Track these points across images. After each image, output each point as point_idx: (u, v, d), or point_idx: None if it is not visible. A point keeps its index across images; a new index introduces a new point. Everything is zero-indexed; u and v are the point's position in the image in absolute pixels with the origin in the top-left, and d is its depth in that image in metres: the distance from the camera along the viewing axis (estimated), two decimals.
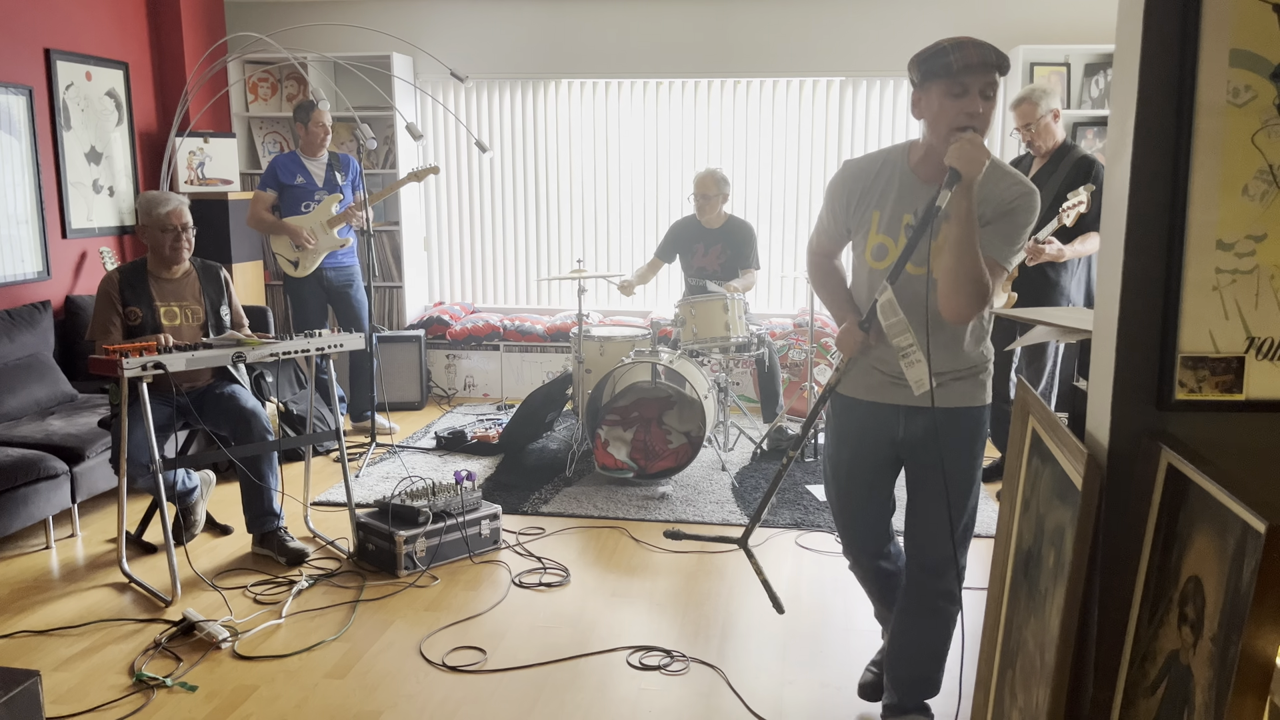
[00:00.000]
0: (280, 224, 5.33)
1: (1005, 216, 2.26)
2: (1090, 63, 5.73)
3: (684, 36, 6.13)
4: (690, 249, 5.29)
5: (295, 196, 5.38)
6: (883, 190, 2.35)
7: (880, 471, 2.48)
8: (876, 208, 2.35)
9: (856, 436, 2.48)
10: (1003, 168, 2.31)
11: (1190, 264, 1.58)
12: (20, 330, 4.60)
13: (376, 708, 2.75)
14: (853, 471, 2.50)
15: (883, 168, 2.36)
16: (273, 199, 5.37)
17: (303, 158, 5.40)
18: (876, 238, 2.35)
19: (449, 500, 3.77)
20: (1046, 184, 4.17)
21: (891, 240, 2.33)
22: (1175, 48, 1.55)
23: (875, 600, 2.75)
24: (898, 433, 2.42)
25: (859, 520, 2.55)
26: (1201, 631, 1.40)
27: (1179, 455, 1.50)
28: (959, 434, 2.38)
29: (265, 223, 5.37)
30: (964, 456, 2.40)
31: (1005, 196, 2.26)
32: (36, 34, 5.04)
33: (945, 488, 2.35)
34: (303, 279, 5.41)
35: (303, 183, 5.36)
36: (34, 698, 2.04)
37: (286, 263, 5.40)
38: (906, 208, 2.31)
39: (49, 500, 3.84)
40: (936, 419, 2.36)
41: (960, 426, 2.38)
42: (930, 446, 2.37)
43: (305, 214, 5.38)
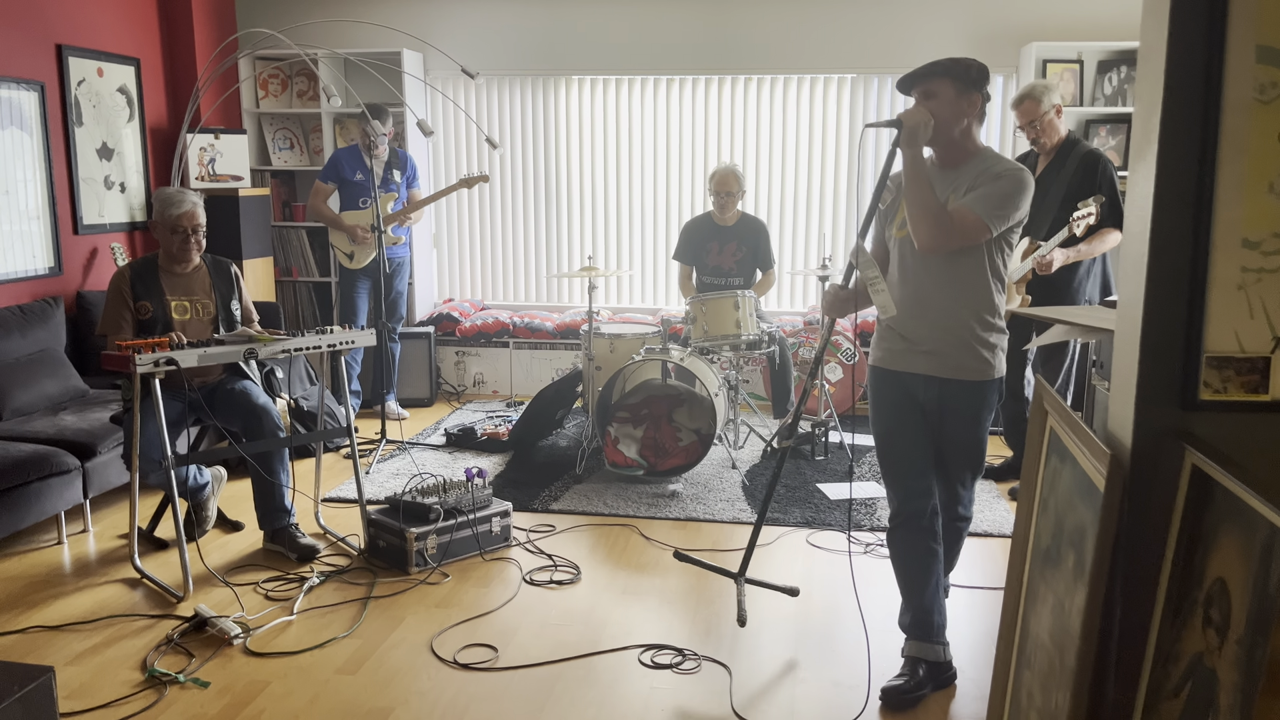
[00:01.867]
0: (339, 219, 5.52)
1: (994, 180, 2.62)
2: (1103, 60, 5.70)
3: (695, 33, 6.11)
4: (705, 247, 5.26)
5: (355, 192, 5.55)
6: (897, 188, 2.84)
7: (919, 429, 2.80)
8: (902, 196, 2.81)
9: (892, 401, 2.82)
10: (999, 156, 2.72)
11: (1216, 262, 1.56)
12: (32, 326, 4.61)
13: (388, 704, 2.75)
14: (895, 431, 2.82)
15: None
16: (332, 191, 5.57)
17: (363, 154, 5.50)
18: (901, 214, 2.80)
19: (460, 497, 3.77)
20: (1055, 181, 4.15)
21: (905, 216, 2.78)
22: (1201, 44, 1.53)
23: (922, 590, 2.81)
24: (919, 395, 2.78)
25: (909, 477, 2.80)
26: (1227, 634, 1.38)
27: (1204, 456, 1.49)
28: (965, 405, 2.74)
29: (326, 217, 5.54)
30: (974, 425, 2.77)
31: (995, 170, 2.64)
32: (48, 30, 5.04)
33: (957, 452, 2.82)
34: (357, 271, 5.59)
35: (362, 179, 5.53)
36: (48, 693, 2.04)
37: (343, 255, 5.60)
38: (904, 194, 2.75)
39: (61, 496, 3.84)
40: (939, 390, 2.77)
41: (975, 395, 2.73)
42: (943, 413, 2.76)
43: (363, 209, 5.53)
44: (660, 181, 6.39)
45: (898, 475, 2.82)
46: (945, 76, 2.63)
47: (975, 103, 2.66)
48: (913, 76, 2.66)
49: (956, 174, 2.70)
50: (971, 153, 2.71)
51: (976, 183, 2.64)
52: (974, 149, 2.72)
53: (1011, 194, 2.61)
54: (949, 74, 2.63)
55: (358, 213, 5.54)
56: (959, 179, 2.68)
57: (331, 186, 5.55)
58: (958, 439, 2.78)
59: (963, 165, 2.70)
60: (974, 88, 2.65)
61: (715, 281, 5.24)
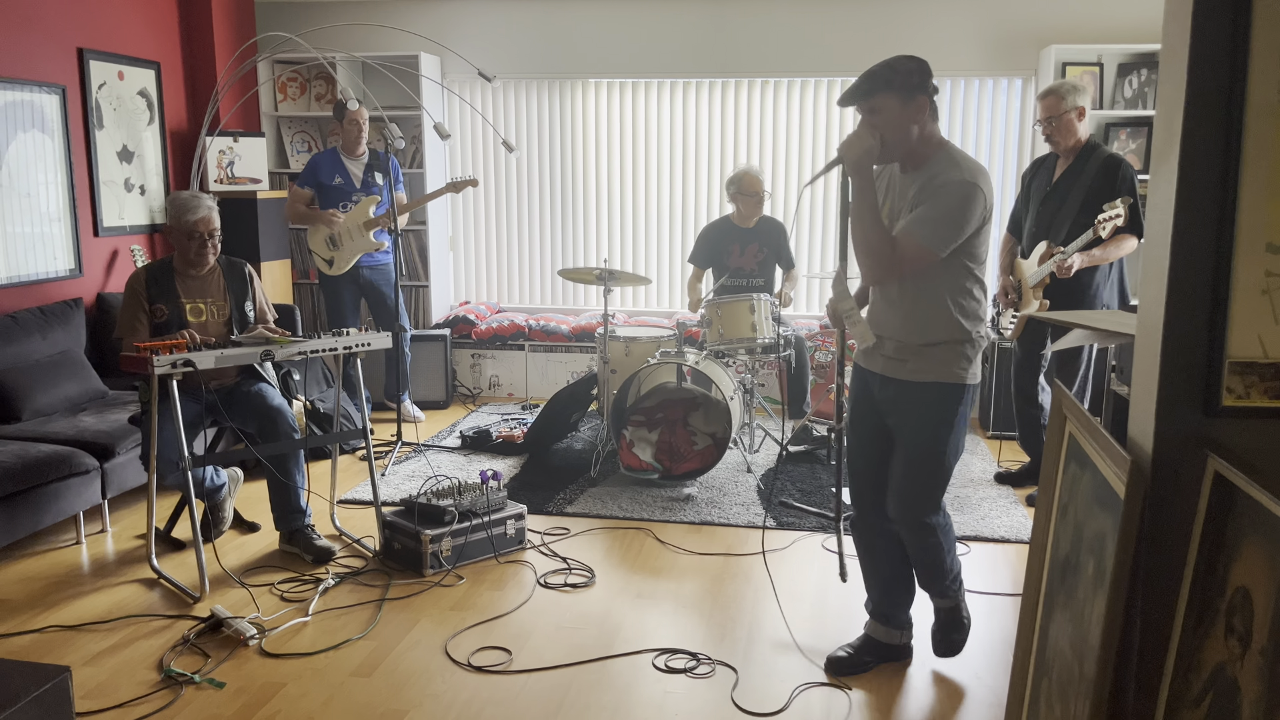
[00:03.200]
0: (314, 213, 5.43)
1: (932, 197, 2.54)
2: (1123, 63, 5.66)
3: (711, 36, 6.10)
4: (726, 250, 5.25)
5: (332, 196, 5.46)
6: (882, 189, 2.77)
7: (874, 425, 2.80)
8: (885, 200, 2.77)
9: (854, 396, 2.88)
10: (953, 157, 2.59)
11: (1239, 267, 1.54)
12: (53, 327, 4.64)
13: (402, 707, 2.75)
14: (853, 426, 2.88)
15: (885, 169, 2.78)
16: (309, 196, 5.47)
17: (343, 157, 5.47)
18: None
19: (474, 500, 3.77)
20: (1074, 186, 4.12)
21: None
22: (1225, 47, 1.51)
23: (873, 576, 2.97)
24: (875, 393, 2.77)
25: (860, 472, 2.87)
26: (1250, 644, 1.36)
27: (1226, 463, 1.47)
28: (921, 406, 2.66)
29: (301, 214, 5.47)
30: (925, 429, 2.67)
31: (939, 181, 2.54)
32: (70, 34, 5.08)
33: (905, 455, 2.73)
34: (337, 277, 5.49)
35: (340, 183, 5.45)
36: (64, 693, 2.04)
37: (322, 261, 5.48)
38: (889, 195, 2.73)
39: (80, 496, 3.87)
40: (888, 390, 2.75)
41: (922, 399, 2.66)
42: (893, 414, 2.73)
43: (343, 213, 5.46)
44: (676, 185, 6.39)
45: (853, 466, 2.91)
46: (886, 90, 2.51)
47: (923, 106, 2.54)
48: (852, 94, 2.54)
49: (919, 175, 2.61)
50: (933, 152, 2.60)
51: (921, 196, 2.55)
52: (935, 148, 2.60)
53: (953, 210, 2.51)
54: (889, 86, 2.51)
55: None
56: (921, 180, 2.60)
57: (309, 192, 5.43)
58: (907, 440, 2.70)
59: (925, 165, 2.61)
60: (919, 91, 2.52)
61: (737, 284, 5.23)
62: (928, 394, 2.65)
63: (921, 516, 2.73)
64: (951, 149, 2.61)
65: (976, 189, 2.52)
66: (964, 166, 2.55)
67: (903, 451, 2.71)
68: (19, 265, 4.77)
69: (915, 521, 2.74)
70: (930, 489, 2.73)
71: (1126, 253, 4.09)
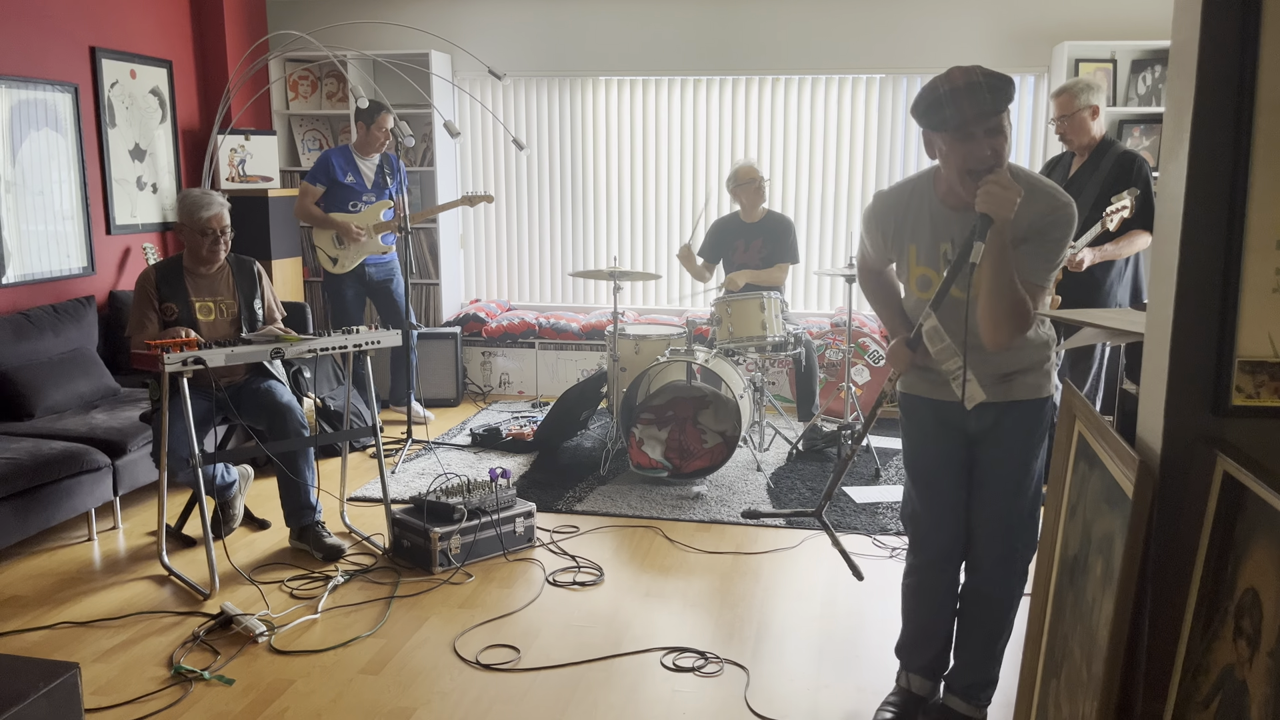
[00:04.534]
0: (329, 219, 5.37)
1: (1039, 235, 2.24)
2: (1137, 59, 5.62)
3: (721, 34, 6.09)
4: (731, 246, 5.25)
5: (343, 195, 5.40)
6: (915, 222, 2.36)
7: (956, 467, 2.48)
8: (912, 240, 2.38)
9: (934, 433, 2.50)
10: (1035, 183, 2.27)
11: (1249, 265, 1.53)
12: (65, 325, 4.67)
13: (410, 704, 2.75)
14: (932, 470, 2.50)
15: (911, 199, 2.37)
16: (320, 193, 5.40)
17: (355, 155, 5.43)
18: (918, 269, 2.39)
19: (484, 497, 3.77)
20: (1089, 182, 4.09)
21: (934, 271, 2.36)
22: (1235, 43, 1.50)
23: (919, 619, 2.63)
24: (969, 425, 2.43)
25: (950, 515, 2.50)
26: (1259, 646, 1.35)
27: (1235, 463, 1.46)
28: (1019, 424, 2.40)
29: (313, 216, 5.40)
30: (1030, 449, 2.41)
31: (1038, 212, 2.23)
32: (82, 32, 5.11)
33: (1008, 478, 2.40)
34: (342, 275, 5.47)
35: (353, 182, 5.41)
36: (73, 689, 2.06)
37: (326, 259, 5.46)
38: (942, 237, 2.33)
39: (91, 493, 3.89)
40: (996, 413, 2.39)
41: (1021, 416, 2.39)
42: (994, 438, 2.41)
43: (352, 214, 5.44)
44: (686, 182, 6.38)
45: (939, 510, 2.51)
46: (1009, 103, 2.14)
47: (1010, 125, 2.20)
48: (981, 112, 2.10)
49: None
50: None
51: (1018, 230, 2.21)
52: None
53: (1062, 239, 2.24)
54: (1010, 100, 2.13)
55: (351, 215, 5.42)
56: None
57: (320, 188, 5.38)
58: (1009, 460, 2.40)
59: None
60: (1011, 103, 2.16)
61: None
62: (1028, 410, 2.39)
63: (1029, 555, 2.44)
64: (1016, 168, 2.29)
65: (1073, 211, 2.26)
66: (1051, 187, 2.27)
67: (1000, 475, 2.41)
68: (32, 263, 4.80)
69: (1012, 556, 2.44)
70: (1029, 511, 2.44)
71: (1139, 249, 4.06)
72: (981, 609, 2.52)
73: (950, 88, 2.13)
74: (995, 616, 2.51)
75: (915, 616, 2.64)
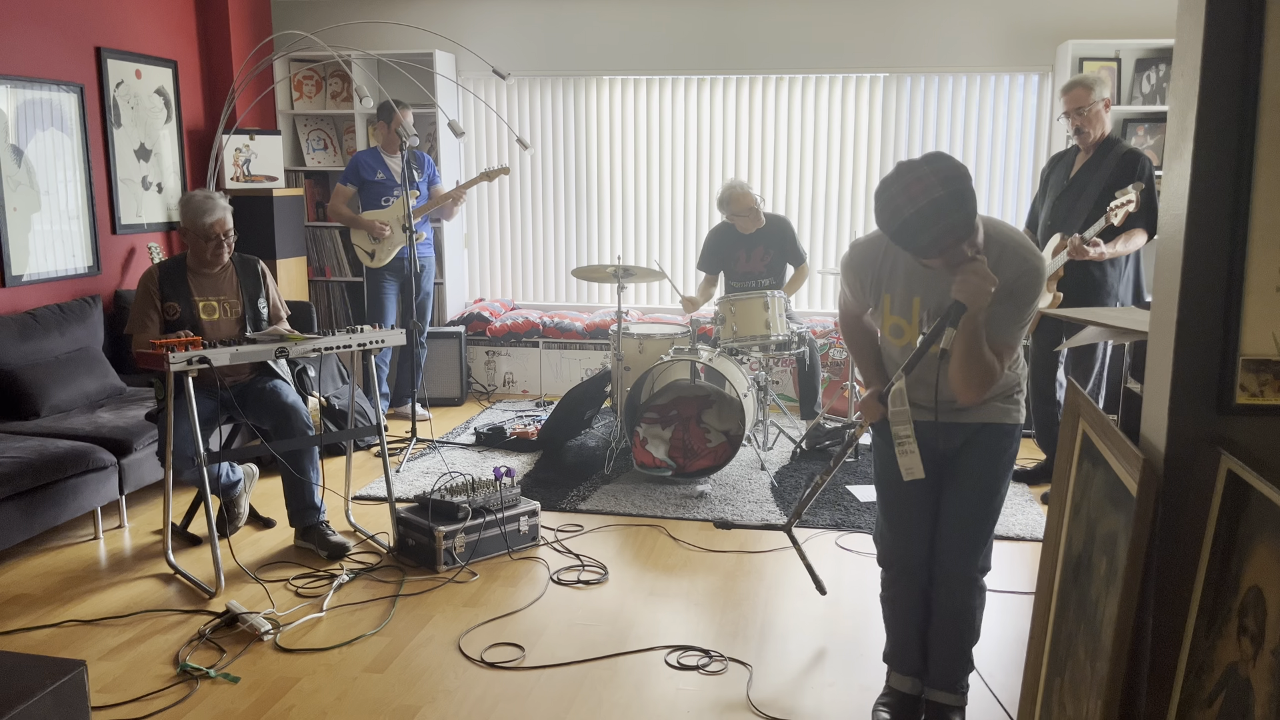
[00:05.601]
0: (357, 218, 5.60)
1: (1010, 297, 2.31)
2: (1141, 58, 5.61)
3: (725, 33, 6.09)
4: (733, 256, 5.23)
5: (375, 192, 5.62)
6: (890, 273, 2.43)
7: (927, 488, 2.55)
8: (887, 290, 2.45)
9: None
10: (1007, 244, 2.31)
11: (1253, 264, 1.53)
12: (71, 324, 4.68)
13: (415, 703, 2.76)
14: (904, 486, 2.54)
15: (887, 250, 2.43)
16: (352, 193, 5.65)
17: (383, 154, 5.63)
18: (891, 319, 2.47)
19: (488, 496, 3.78)
20: (1092, 180, 4.09)
21: (905, 321, 2.44)
22: (1239, 41, 1.50)
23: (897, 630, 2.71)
24: (938, 444, 2.52)
25: (914, 533, 2.59)
26: (1263, 644, 1.35)
27: (1240, 461, 1.46)
28: (987, 447, 2.49)
29: (344, 216, 5.64)
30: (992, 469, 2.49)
31: (1008, 276, 2.29)
32: (88, 32, 5.12)
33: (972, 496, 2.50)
34: (381, 270, 5.65)
35: (383, 178, 5.62)
36: (80, 687, 2.07)
37: (364, 254, 5.66)
38: (915, 291, 2.41)
39: (97, 492, 3.90)
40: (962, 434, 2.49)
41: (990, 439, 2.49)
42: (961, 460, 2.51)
43: (384, 208, 5.61)
44: (690, 181, 6.38)
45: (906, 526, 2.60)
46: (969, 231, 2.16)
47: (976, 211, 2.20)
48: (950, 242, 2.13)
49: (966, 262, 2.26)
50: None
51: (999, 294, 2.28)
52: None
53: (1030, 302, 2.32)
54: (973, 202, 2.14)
55: (379, 211, 5.60)
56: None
57: (351, 189, 5.62)
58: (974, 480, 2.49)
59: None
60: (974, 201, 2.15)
61: (747, 285, 5.21)
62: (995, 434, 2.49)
63: (982, 565, 2.54)
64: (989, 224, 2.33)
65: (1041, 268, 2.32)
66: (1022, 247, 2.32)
67: (966, 496, 2.50)
68: (38, 263, 4.82)
69: (972, 574, 2.54)
70: (989, 534, 2.54)
71: (1136, 248, 4.06)
72: (946, 621, 2.60)
73: (916, 212, 2.10)
74: (961, 627, 2.59)
75: (893, 627, 2.72)
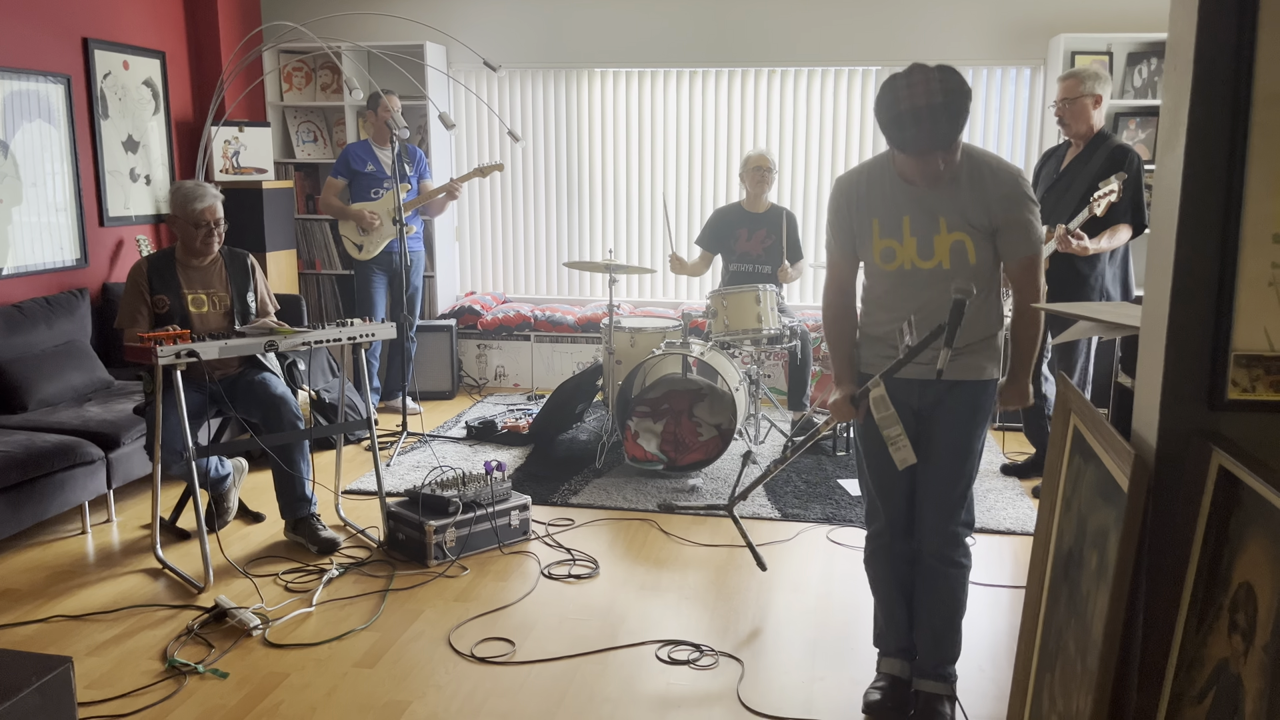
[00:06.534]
0: (346, 210, 5.58)
1: (1009, 216, 2.41)
2: (1133, 52, 5.61)
3: (717, 26, 6.07)
4: (733, 234, 5.24)
5: (365, 184, 5.59)
6: (877, 197, 2.50)
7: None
8: (874, 215, 2.51)
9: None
10: (981, 161, 2.43)
11: (1245, 259, 1.52)
12: (58, 317, 4.65)
13: (406, 697, 2.75)
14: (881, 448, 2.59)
15: (871, 176, 2.52)
16: (343, 185, 5.62)
17: (374, 146, 5.61)
18: (882, 243, 2.52)
19: (479, 490, 3.77)
20: (1081, 174, 4.11)
21: (896, 242, 2.49)
22: (1232, 36, 1.49)
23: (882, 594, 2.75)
24: (913, 402, 2.56)
25: (895, 489, 2.64)
26: (1253, 640, 1.35)
27: (1231, 457, 1.45)
28: (961, 403, 2.53)
29: (334, 208, 5.62)
30: (968, 427, 2.53)
31: (997, 195, 2.40)
32: (75, 23, 5.08)
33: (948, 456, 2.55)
34: (369, 262, 5.62)
35: (373, 170, 5.59)
36: (67, 683, 2.05)
37: (352, 246, 5.63)
38: (904, 210, 2.47)
39: (85, 486, 3.88)
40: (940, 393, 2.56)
41: (964, 396, 2.53)
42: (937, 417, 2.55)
43: (375, 200, 5.59)
44: (682, 175, 6.37)
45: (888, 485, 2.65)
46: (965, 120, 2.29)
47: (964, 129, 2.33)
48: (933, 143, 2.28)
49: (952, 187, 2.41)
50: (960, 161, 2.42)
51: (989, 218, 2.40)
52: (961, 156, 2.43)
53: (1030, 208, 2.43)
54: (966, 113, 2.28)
55: (368, 203, 5.58)
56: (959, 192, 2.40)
57: (342, 181, 5.59)
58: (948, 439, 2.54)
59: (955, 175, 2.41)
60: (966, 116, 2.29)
61: (742, 268, 5.21)
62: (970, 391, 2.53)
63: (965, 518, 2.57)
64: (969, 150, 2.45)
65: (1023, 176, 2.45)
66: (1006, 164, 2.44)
67: (942, 460, 2.54)
68: (25, 255, 4.78)
69: (954, 529, 2.56)
70: (966, 491, 2.58)
71: (1120, 244, 4.06)
72: (930, 583, 2.63)
73: (911, 108, 2.24)
74: (946, 590, 2.61)
75: (879, 592, 2.75)
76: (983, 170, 2.42)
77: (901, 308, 2.50)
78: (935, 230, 2.43)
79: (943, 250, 2.44)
